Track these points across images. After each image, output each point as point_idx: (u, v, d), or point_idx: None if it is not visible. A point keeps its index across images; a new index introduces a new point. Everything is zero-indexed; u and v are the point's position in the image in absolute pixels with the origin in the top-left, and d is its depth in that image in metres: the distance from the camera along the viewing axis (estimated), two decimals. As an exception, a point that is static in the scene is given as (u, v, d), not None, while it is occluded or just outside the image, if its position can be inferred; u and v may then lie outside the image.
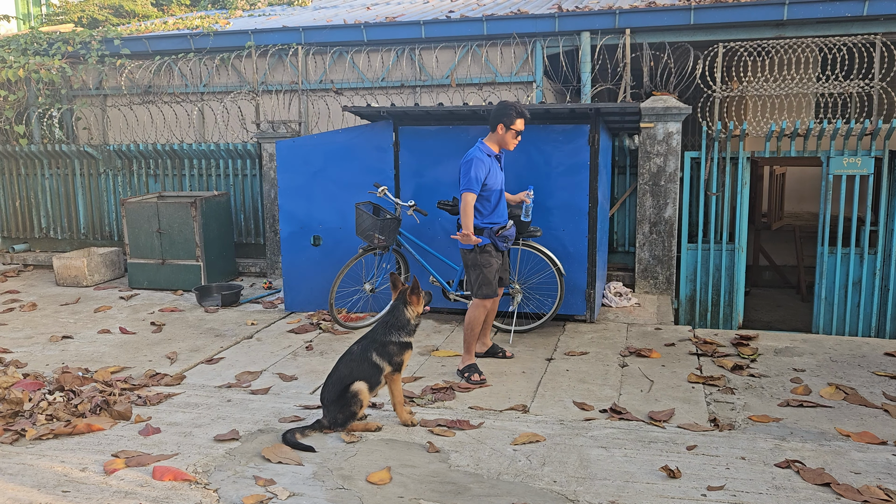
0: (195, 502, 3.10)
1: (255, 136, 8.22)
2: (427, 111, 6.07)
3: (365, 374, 3.86)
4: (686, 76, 7.57)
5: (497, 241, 4.92)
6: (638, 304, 6.62)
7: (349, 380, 3.83)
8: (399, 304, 4.08)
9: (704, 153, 6.82)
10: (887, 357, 5.28)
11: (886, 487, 3.16)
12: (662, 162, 6.70)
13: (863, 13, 6.93)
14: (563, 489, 3.19)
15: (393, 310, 4.08)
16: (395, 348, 3.94)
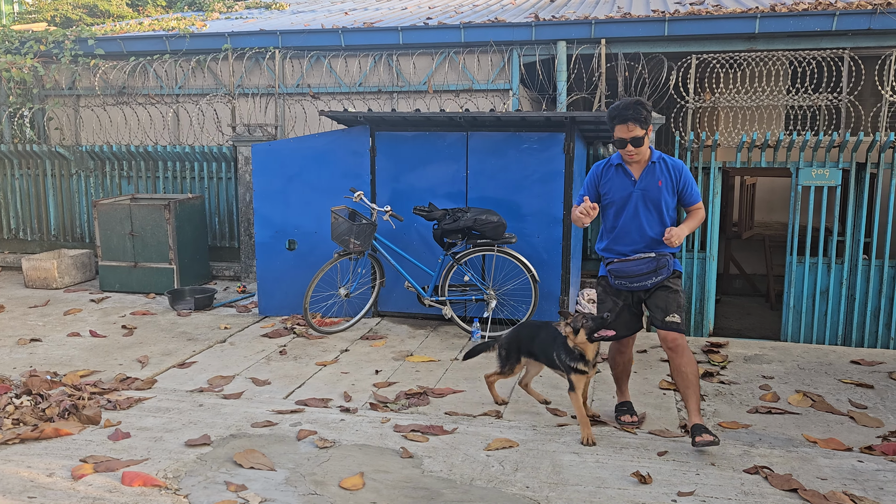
0: (165, 508, 3.07)
1: (230, 139, 8.17)
2: (404, 117, 6.09)
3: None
4: (660, 87, 7.68)
5: (609, 277, 4.02)
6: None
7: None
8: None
9: (677, 163, 6.91)
10: (853, 365, 5.39)
11: (852, 493, 3.23)
12: (636, 171, 6.77)
13: (832, 28, 7.08)
14: (535, 494, 3.21)
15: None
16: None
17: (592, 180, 4.03)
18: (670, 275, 3.94)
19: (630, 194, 3.91)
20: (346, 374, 5.04)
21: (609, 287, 4.05)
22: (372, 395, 4.61)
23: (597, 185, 4.02)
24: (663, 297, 3.90)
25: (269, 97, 8.90)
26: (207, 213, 8.56)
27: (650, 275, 3.89)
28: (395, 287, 6.42)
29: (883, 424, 4.18)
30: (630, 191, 3.91)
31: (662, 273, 3.89)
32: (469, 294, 6.01)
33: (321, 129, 8.58)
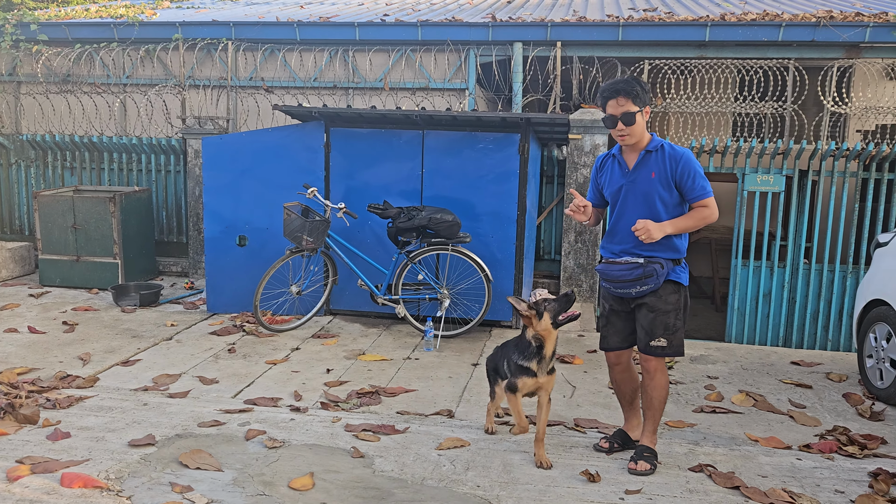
0: (107, 510, 2.98)
1: (180, 131, 7.99)
2: (360, 113, 6.05)
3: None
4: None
5: (601, 278, 3.65)
6: (562, 312, 6.74)
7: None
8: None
9: (629, 166, 7.02)
10: (793, 366, 5.56)
11: (791, 490, 3.33)
12: (589, 173, 6.86)
13: (778, 38, 7.29)
14: (486, 494, 3.22)
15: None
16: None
17: (594, 174, 3.70)
18: (659, 287, 3.45)
19: (621, 187, 3.52)
20: (296, 373, 4.98)
21: (603, 291, 3.72)
22: (323, 394, 4.56)
23: (597, 179, 3.67)
24: (650, 318, 3.48)
25: (220, 90, 8.73)
26: (155, 206, 8.35)
27: (634, 283, 3.44)
28: (348, 285, 6.36)
29: (820, 423, 4.33)
30: (622, 183, 3.52)
31: (649, 283, 3.41)
32: (423, 293, 6.00)
33: (274, 123, 8.45)
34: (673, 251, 3.48)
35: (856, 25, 7.10)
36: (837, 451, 3.86)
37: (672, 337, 3.49)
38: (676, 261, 3.51)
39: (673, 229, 3.39)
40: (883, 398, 4.72)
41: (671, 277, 3.49)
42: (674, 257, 3.49)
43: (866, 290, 5.13)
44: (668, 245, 3.48)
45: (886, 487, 3.35)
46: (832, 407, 4.64)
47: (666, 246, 3.47)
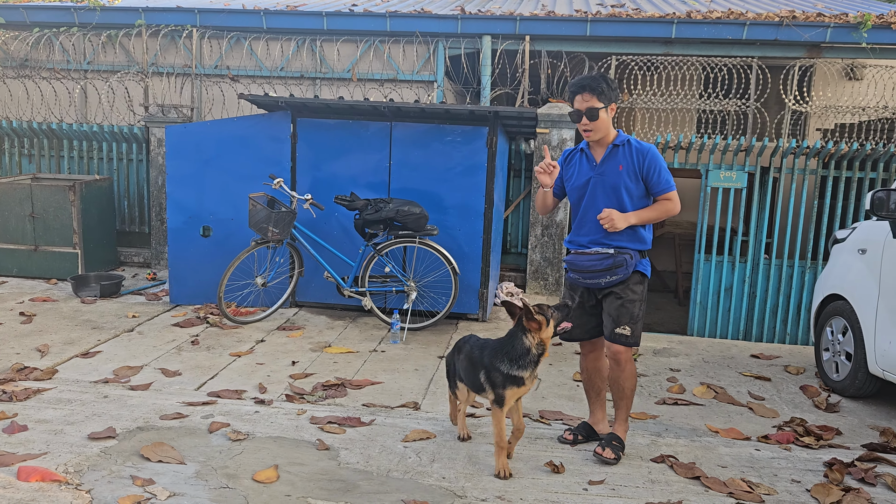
0: (65, 504, 2.92)
1: (142, 119, 7.84)
2: (327, 104, 6.00)
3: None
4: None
5: (568, 269, 3.68)
6: (528, 305, 6.79)
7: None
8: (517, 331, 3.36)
9: (595, 161, 7.09)
10: (753, 359, 5.68)
11: (749, 480, 3.40)
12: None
13: (742, 37, 7.41)
14: (451, 485, 3.23)
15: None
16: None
17: (561, 163, 3.74)
18: (628, 277, 3.53)
19: (589, 179, 3.58)
20: (261, 366, 4.93)
21: (568, 282, 3.74)
22: (288, 386, 4.53)
23: (562, 171, 3.73)
24: (617, 306, 3.54)
25: (185, 77, 8.58)
26: (116, 195, 8.18)
27: (604, 273, 3.50)
28: (313, 277, 6.32)
29: (778, 415, 4.43)
30: (590, 175, 3.59)
31: (619, 274, 3.49)
32: (389, 285, 5.99)
33: (240, 112, 8.34)
34: (640, 242, 3.58)
35: (817, 26, 7.25)
36: (794, 442, 3.96)
37: (634, 326, 3.56)
38: (643, 252, 3.60)
39: (637, 220, 3.49)
40: (838, 390, 4.85)
41: (639, 268, 3.58)
42: (641, 248, 3.58)
43: (824, 286, 5.25)
44: (636, 236, 3.57)
45: (840, 477, 3.44)
46: (790, 399, 4.75)
47: (634, 237, 3.57)
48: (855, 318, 4.69)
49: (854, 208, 7.01)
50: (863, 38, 7.23)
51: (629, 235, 3.55)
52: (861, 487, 3.35)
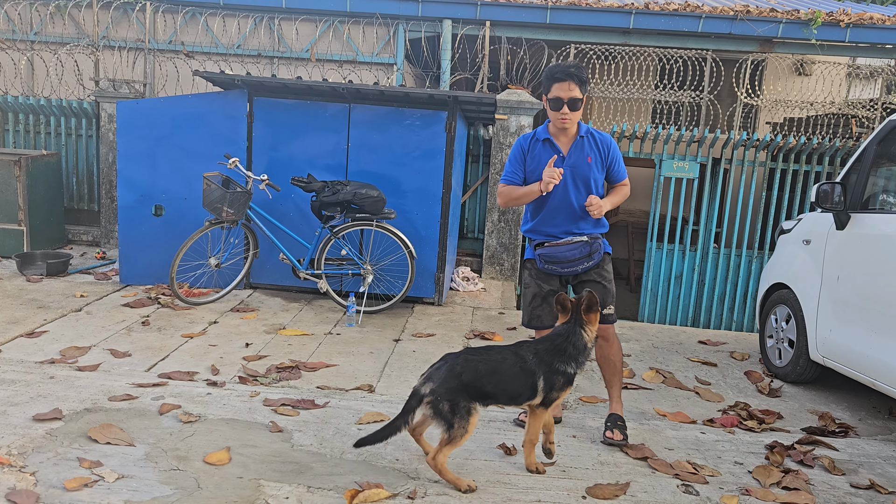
0: (8, 487, 2.85)
1: (93, 94, 7.62)
2: (285, 84, 5.91)
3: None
4: (540, 73, 7.89)
5: (537, 259, 3.71)
6: (484, 289, 6.85)
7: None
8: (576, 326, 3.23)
9: (553, 148, 7.15)
10: (700, 345, 5.84)
11: (694, 461, 3.51)
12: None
13: (698, 29, 7.54)
14: (405, 467, 3.26)
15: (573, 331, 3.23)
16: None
17: (519, 156, 3.67)
18: (602, 260, 3.69)
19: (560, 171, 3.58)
20: (214, 347, 4.87)
21: (537, 272, 3.74)
22: (241, 368, 4.49)
23: (523, 161, 3.67)
24: (600, 289, 3.61)
25: (137, 52, 8.35)
26: (64, 172, 7.95)
27: (582, 260, 3.61)
28: (269, 259, 6.26)
29: (723, 399, 4.57)
30: (560, 167, 3.57)
31: (595, 258, 3.63)
32: (346, 268, 5.97)
33: (195, 90, 8.16)
34: (602, 226, 3.77)
35: (770, 21, 7.41)
36: (738, 426, 4.09)
37: (614, 304, 3.73)
38: (604, 234, 3.79)
39: (610, 206, 3.66)
40: (780, 376, 5.02)
41: (607, 250, 3.78)
42: (603, 231, 3.78)
43: (769, 275, 5.41)
44: (600, 222, 3.75)
45: (781, 459, 3.58)
46: (735, 384, 4.91)
47: (598, 222, 3.74)
48: (798, 307, 4.85)
49: (800, 200, 7.22)
50: (813, 35, 7.43)
51: (594, 222, 3.70)
52: (800, 469, 3.49)
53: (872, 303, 4.13)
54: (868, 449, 3.85)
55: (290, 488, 2.98)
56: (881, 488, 3.34)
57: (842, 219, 4.48)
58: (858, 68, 9.22)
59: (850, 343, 4.26)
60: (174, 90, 8.33)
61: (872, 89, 10.36)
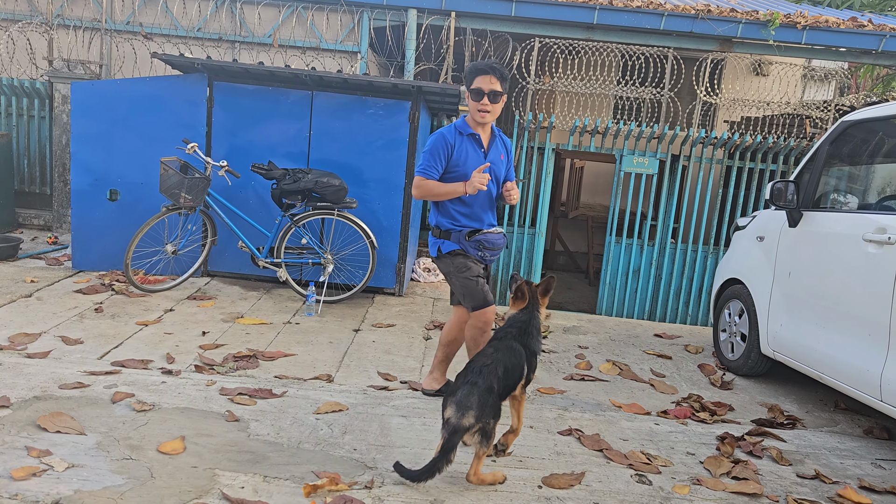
0: (-47, 476, 2.77)
1: (46, 74, 7.39)
2: (246, 69, 5.82)
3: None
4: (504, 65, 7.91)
5: (468, 248, 3.75)
6: (444, 281, 6.87)
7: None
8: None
9: (515, 141, 7.19)
10: (656, 338, 5.94)
11: (648, 452, 3.58)
12: (477, 145, 6.96)
13: (660, 27, 7.64)
14: (362, 457, 3.25)
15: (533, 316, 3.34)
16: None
17: (444, 149, 3.67)
18: None
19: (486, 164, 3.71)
20: (169, 335, 4.79)
21: (463, 260, 3.77)
22: (198, 357, 4.43)
23: (448, 156, 3.69)
24: (486, 276, 3.86)
25: (94, 32, 8.13)
26: (15, 153, 7.71)
27: (502, 249, 3.85)
28: (227, 246, 6.17)
29: (677, 391, 4.66)
30: (483, 163, 3.71)
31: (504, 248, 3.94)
32: (306, 257, 5.92)
33: (153, 72, 7.99)
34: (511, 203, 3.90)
35: (729, 21, 7.54)
36: (691, 417, 4.18)
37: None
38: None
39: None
40: (733, 369, 5.14)
41: None
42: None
43: (724, 270, 5.53)
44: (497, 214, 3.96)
45: (731, 450, 3.67)
46: (688, 376, 5.01)
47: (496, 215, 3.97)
48: (751, 302, 4.97)
49: (755, 198, 7.39)
50: (770, 36, 7.58)
51: (494, 214, 3.94)
52: (749, 460, 3.58)
53: (821, 299, 4.25)
54: (814, 440, 3.97)
55: (246, 478, 2.96)
56: (825, 478, 3.45)
57: (794, 217, 4.59)
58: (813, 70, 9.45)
59: (800, 338, 4.38)
60: (132, 72, 8.13)
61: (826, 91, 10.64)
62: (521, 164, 7.21)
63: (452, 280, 3.82)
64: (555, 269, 9.77)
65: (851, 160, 4.62)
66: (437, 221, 3.82)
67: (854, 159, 4.60)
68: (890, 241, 3.65)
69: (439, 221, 3.81)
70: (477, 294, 3.76)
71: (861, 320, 3.84)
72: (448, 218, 3.80)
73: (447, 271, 3.83)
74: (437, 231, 3.82)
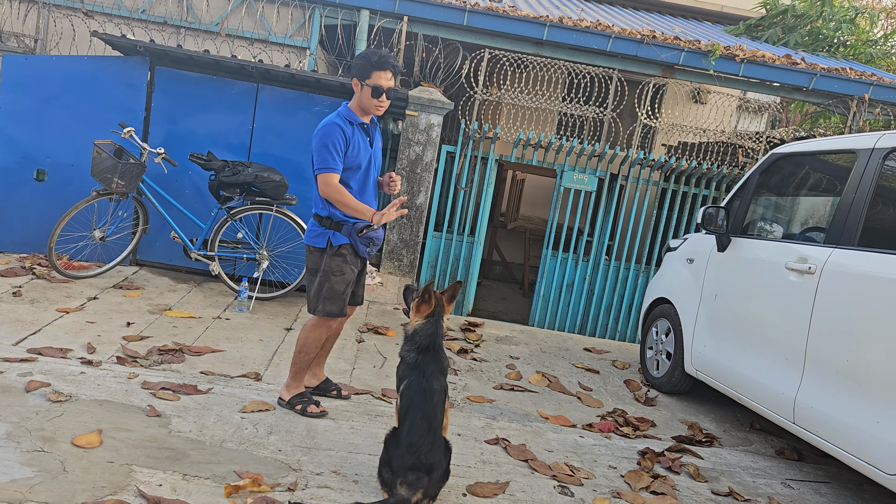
0: None
1: (-26, 43, 7.04)
2: (191, 56, 5.68)
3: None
4: (453, 73, 7.95)
5: (358, 243, 3.69)
6: (381, 284, 6.83)
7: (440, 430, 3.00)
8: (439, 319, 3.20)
9: (460, 149, 7.23)
10: (586, 352, 6.06)
11: (572, 464, 3.64)
12: (421, 151, 6.97)
13: (606, 48, 7.81)
14: (287, 458, 3.20)
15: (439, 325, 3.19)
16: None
17: (343, 140, 3.57)
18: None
19: (371, 157, 3.73)
20: (92, 324, 4.62)
21: (352, 257, 3.71)
22: (121, 348, 4.28)
23: (346, 146, 3.59)
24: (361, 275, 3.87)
25: (30, 4, 7.79)
26: (-65, 124, 7.30)
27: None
28: (159, 236, 5.99)
29: (603, 405, 4.76)
30: (370, 153, 3.73)
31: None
32: (241, 252, 5.80)
33: (92, 52, 7.70)
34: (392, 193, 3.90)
35: (673, 48, 7.78)
36: (615, 431, 4.28)
37: None
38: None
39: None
40: (657, 386, 5.29)
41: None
42: None
43: (654, 289, 5.69)
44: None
45: (651, 464, 3.77)
46: (615, 391, 5.12)
47: None
48: (678, 322, 5.13)
49: (687, 221, 7.63)
50: (711, 66, 7.85)
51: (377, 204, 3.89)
52: (668, 475, 3.68)
53: (743, 322, 4.42)
54: (729, 458, 4.12)
55: (165, 475, 2.87)
56: (738, 495, 3.58)
57: (723, 241, 4.76)
58: (748, 102, 9.83)
59: (721, 358, 4.54)
60: (69, 50, 7.82)
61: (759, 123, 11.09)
62: (465, 172, 7.25)
63: (320, 278, 3.67)
64: (491, 279, 9.85)
65: (779, 191, 4.82)
66: (329, 211, 3.64)
67: (781, 190, 4.81)
68: (810, 271, 3.82)
69: (332, 212, 3.64)
70: (339, 302, 3.69)
71: (779, 345, 4.01)
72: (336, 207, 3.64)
73: (320, 268, 3.67)
74: (329, 221, 3.64)
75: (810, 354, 3.74)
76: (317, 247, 3.68)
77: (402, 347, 3.16)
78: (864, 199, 3.71)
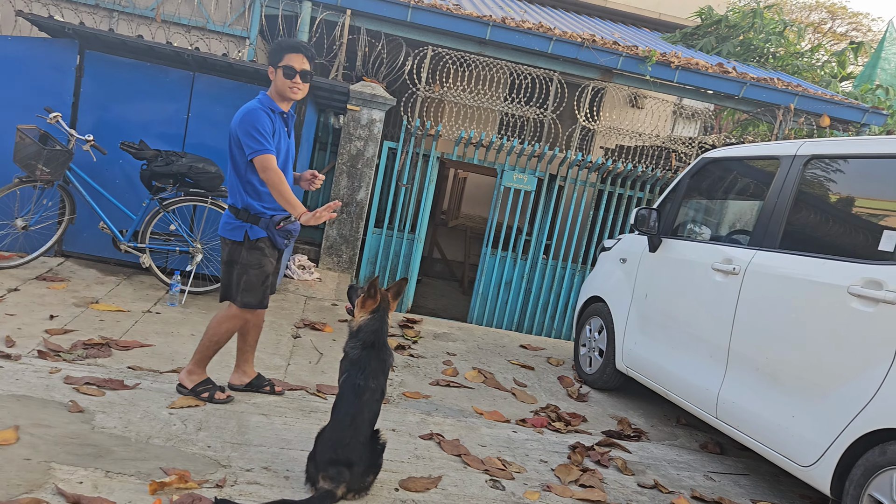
0: None
1: None
2: (123, 41, 5.51)
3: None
4: (396, 69, 7.93)
5: (276, 236, 3.65)
6: (319, 279, 6.77)
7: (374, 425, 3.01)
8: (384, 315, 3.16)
9: (401, 146, 7.22)
10: (522, 349, 6.13)
11: (504, 458, 3.69)
12: (363, 146, 6.93)
13: (548, 50, 7.92)
14: (216, 454, 3.14)
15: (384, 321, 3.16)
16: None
17: (269, 124, 3.51)
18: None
19: (289, 147, 3.71)
20: (12, 317, 4.43)
21: (271, 250, 3.68)
22: (42, 341, 4.12)
23: (272, 133, 3.54)
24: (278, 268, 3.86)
25: (-50, -20, 7.41)
26: None
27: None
28: (87, 226, 5.79)
29: (537, 401, 4.83)
30: (288, 144, 3.70)
31: None
32: (173, 244, 5.66)
33: (16, 32, 7.38)
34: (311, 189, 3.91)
35: (611, 52, 7.94)
36: (547, 426, 4.35)
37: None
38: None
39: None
40: (589, 382, 5.39)
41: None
42: None
43: (588, 288, 5.80)
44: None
45: (581, 458, 3.85)
46: (548, 387, 5.21)
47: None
48: (611, 320, 5.24)
49: (623, 222, 7.80)
50: (647, 71, 8.04)
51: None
52: (596, 469, 3.77)
53: (671, 321, 4.55)
54: (656, 452, 4.24)
55: (86, 472, 2.78)
56: (663, 488, 3.68)
57: (654, 242, 4.89)
58: (683, 108, 10.12)
59: (650, 355, 4.67)
60: (-8, 29, 7.47)
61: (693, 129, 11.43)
62: (406, 169, 7.24)
63: (238, 270, 3.61)
64: (431, 276, 9.87)
65: (708, 194, 4.98)
66: (245, 203, 3.56)
67: (710, 193, 4.97)
68: (734, 272, 3.97)
69: (249, 203, 3.56)
70: (257, 293, 3.66)
71: (705, 343, 4.14)
72: (258, 200, 3.58)
73: (237, 261, 3.60)
74: (246, 214, 3.56)
75: (733, 352, 3.88)
76: (233, 240, 3.60)
77: (346, 343, 3.14)
78: (785, 204, 3.87)
